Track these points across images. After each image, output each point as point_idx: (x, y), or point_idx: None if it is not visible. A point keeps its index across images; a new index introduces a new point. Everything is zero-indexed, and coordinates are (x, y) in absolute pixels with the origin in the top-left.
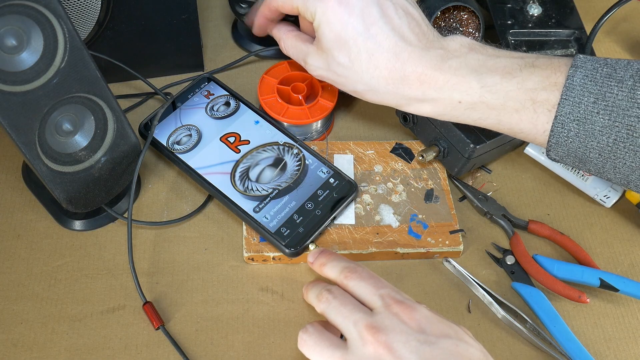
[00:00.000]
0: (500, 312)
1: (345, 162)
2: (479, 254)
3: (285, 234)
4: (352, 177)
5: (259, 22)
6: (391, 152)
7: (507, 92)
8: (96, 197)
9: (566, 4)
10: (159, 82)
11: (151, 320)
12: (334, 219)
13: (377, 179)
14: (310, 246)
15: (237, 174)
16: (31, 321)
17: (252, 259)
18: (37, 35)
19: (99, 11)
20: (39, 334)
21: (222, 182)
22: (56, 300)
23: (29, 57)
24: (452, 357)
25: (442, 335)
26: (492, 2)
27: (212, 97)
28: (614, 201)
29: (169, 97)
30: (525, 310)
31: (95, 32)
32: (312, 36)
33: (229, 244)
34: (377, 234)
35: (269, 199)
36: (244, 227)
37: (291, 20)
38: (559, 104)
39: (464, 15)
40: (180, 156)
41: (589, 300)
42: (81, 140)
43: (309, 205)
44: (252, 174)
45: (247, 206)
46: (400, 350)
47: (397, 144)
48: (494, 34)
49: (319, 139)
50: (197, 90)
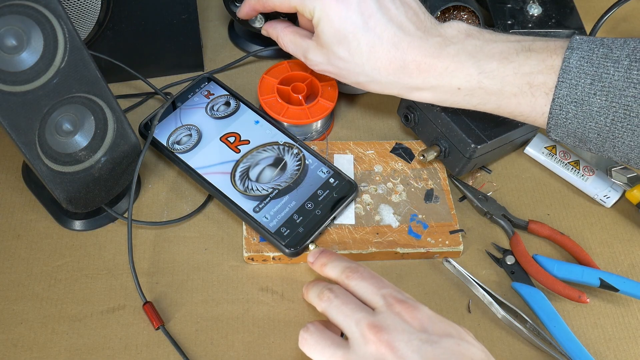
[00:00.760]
0: (500, 312)
1: (345, 162)
2: (479, 254)
3: (285, 234)
4: (352, 177)
5: (245, 11)
6: (391, 152)
7: (504, 77)
8: (96, 197)
9: (566, 4)
10: (159, 82)
11: (151, 320)
12: (334, 218)
13: (377, 179)
14: (310, 246)
15: (237, 174)
16: (31, 321)
17: (252, 259)
18: (37, 35)
19: (99, 11)
20: (39, 334)
21: (222, 182)
22: (56, 300)
23: (29, 57)
24: (454, 356)
25: (444, 334)
26: (492, 2)
27: (212, 97)
28: (614, 201)
29: (169, 97)
30: (525, 310)
31: (95, 32)
32: (310, 31)
33: (229, 244)
34: (377, 234)
35: (269, 198)
36: (244, 227)
37: (283, 16)
38: (556, 86)
39: (464, 15)
40: (180, 156)
41: (589, 300)
42: (81, 140)
43: (309, 205)
44: (252, 174)
45: (247, 206)
46: (402, 349)
47: (397, 144)
48: None
49: (319, 139)
50: (197, 90)
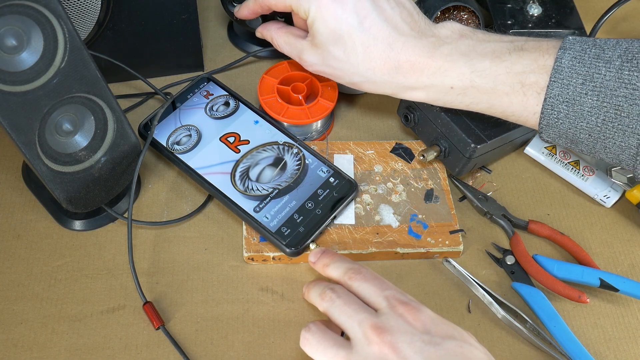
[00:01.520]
0: (500, 312)
1: (345, 162)
2: (479, 254)
3: (285, 234)
4: (352, 177)
5: (243, 13)
6: (391, 152)
7: (496, 77)
8: (96, 197)
9: (566, 4)
10: (159, 82)
11: (151, 320)
12: (334, 218)
13: (377, 179)
14: (310, 245)
15: (237, 174)
16: (31, 321)
17: (252, 259)
18: (37, 35)
19: (99, 11)
20: (39, 334)
21: (222, 182)
22: (56, 300)
23: (29, 57)
24: (456, 358)
25: (446, 336)
26: (492, 2)
27: (211, 97)
28: (614, 201)
29: (168, 97)
30: (525, 310)
31: (95, 32)
32: (305, 31)
33: (229, 244)
34: (377, 234)
35: (269, 198)
36: (244, 227)
37: (280, 16)
38: (548, 86)
39: (464, 15)
40: (180, 156)
41: (589, 300)
42: (81, 140)
43: (309, 204)
44: (252, 174)
45: (248, 206)
46: (405, 350)
47: (397, 144)
48: None
49: (319, 139)
50: (196, 90)
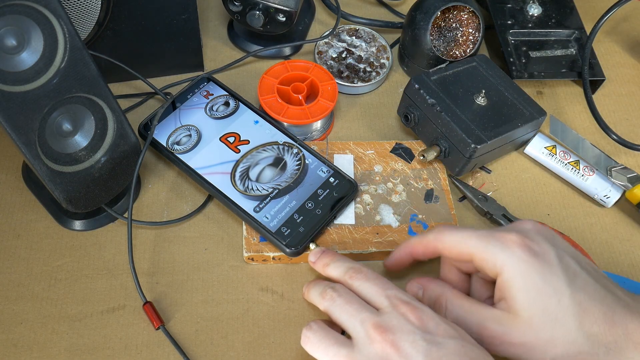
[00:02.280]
0: None
1: (345, 162)
2: None
3: (285, 234)
4: (352, 177)
5: (401, 257)
6: (391, 152)
7: None
8: (96, 197)
9: (566, 4)
10: (159, 82)
11: (151, 320)
12: (335, 218)
13: (377, 179)
14: (310, 245)
15: (237, 174)
16: (31, 321)
17: (252, 259)
18: (37, 35)
19: (99, 11)
20: (39, 334)
21: (222, 182)
22: (56, 300)
23: (29, 57)
24: (458, 357)
25: (448, 336)
26: (492, 2)
27: (211, 97)
28: (614, 201)
29: (168, 97)
30: None
31: (95, 32)
32: (482, 295)
33: (229, 244)
34: (377, 234)
35: (269, 198)
36: (244, 227)
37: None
38: None
39: (464, 15)
40: (180, 156)
41: None
42: (81, 140)
43: (309, 204)
44: (252, 174)
45: (248, 206)
46: (407, 349)
47: (397, 144)
48: (493, 34)
49: (319, 139)
50: (196, 90)
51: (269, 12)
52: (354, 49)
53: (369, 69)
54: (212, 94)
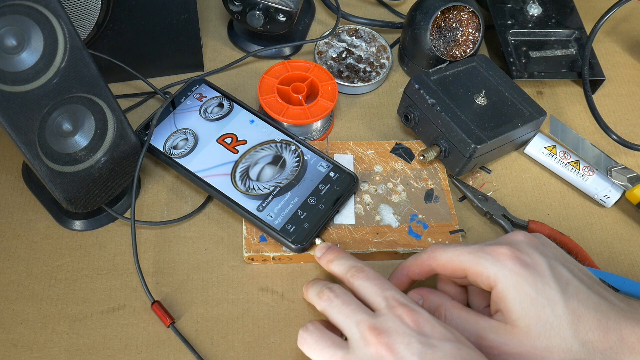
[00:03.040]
0: None
1: (345, 162)
2: None
3: (291, 231)
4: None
5: (399, 279)
6: (391, 152)
7: None
8: (96, 197)
9: (566, 4)
10: (159, 82)
11: (161, 318)
12: (338, 212)
13: (377, 179)
14: (316, 241)
15: (238, 174)
16: (31, 321)
17: (252, 259)
18: (37, 35)
19: (99, 11)
20: (39, 334)
21: (223, 184)
22: (56, 300)
23: (29, 57)
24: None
25: (444, 338)
26: (492, 2)
27: (204, 100)
28: (614, 201)
29: (168, 97)
30: None
31: (95, 32)
32: (480, 305)
33: (229, 244)
34: (377, 234)
35: (272, 196)
36: (244, 226)
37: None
38: None
39: (464, 15)
40: (178, 160)
41: None
42: (81, 140)
43: (312, 200)
44: (252, 173)
45: (251, 206)
46: (402, 351)
47: (397, 144)
48: (493, 34)
49: (319, 139)
50: (189, 93)
51: (269, 12)
52: (354, 49)
53: (369, 69)
54: (205, 96)
